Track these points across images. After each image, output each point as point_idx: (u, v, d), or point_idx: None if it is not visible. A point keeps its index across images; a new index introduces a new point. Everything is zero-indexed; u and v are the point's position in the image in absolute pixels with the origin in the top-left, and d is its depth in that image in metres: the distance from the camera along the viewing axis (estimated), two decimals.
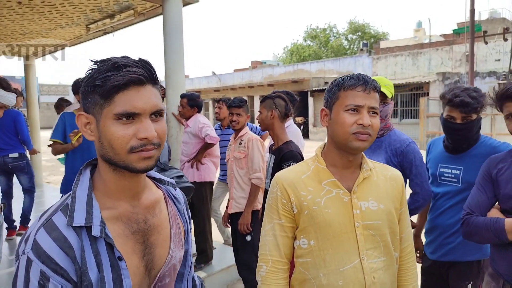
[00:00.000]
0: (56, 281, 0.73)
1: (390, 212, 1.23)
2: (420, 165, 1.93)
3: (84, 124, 0.81)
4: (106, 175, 0.83)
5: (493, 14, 25.17)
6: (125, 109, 0.76)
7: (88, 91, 0.78)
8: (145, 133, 0.77)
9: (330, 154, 1.25)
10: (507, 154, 1.55)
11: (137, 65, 0.78)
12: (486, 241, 1.51)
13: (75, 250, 0.75)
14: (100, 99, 0.77)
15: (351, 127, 1.14)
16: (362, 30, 38.78)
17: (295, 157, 2.20)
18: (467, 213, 1.54)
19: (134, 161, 0.78)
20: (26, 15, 4.78)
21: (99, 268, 0.77)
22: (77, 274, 0.75)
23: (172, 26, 3.75)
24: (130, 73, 0.76)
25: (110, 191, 0.83)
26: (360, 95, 1.15)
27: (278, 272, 1.24)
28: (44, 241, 0.74)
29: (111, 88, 0.76)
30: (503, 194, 1.47)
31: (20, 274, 0.73)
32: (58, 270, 0.73)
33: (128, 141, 0.77)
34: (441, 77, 16.19)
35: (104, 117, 0.77)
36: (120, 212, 0.84)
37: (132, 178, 0.84)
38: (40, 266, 0.72)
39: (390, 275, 1.21)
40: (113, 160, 0.79)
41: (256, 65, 31.97)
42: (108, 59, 0.79)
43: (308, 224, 1.20)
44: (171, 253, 0.92)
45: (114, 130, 0.77)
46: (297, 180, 1.23)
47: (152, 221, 0.90)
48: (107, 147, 0.78)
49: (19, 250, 0.75)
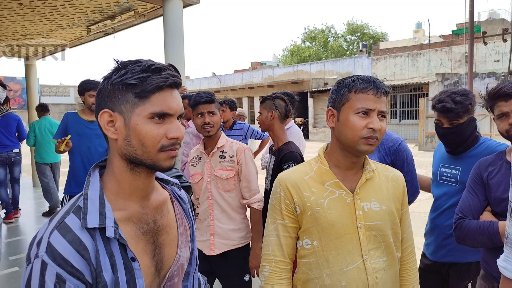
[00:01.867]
0: (72, 283, 0.72)
1: (392, 213, 1.23)
2: (411, 163, 2.00)
3: (107, 122, 0.81)
4: (121, 175, 0.83)
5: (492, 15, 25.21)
6: (161, 109, 0.78)
7: (117, 89, 0.79)
8: (176, 133, 0.80)
9: (333, 155, 1.25)
10: (496, 156, 1.55)
11: (172, 69, 0.82)
12: (480, 245, 1.49)
13: (90, 252, 0.75)
14: (134, 97, 0.78)
15: (361, 131, 1.14)
16: (361, 31, 38.82)
17: (295, 158, 2.20)
18: (459, 217, 1.53)
19: (162, 159, 0.80)
20: (27, 16, 4.80)
21: (113, 269, 0.77)
22: (92, 276, 0.75)
23: (173, 27, 3.77)
24: (170, 76, 0.79)
25: (123, 191, 0.83)
26: (372, 99, 1.14)
27: (281, 272, 1.24)
28: (59, 244, 0.73)
29: (152, 88, 0.77)
30: (495, 197, 1.47)
31: (34, 277, 0.72)
32: (74, 272, 0.73)
33: (159, 140, 0.79)
34: (441, 78, 16.21)
35: (136, 115, 0.78)
36: (131, 213, 0.84)
37: (147, 179, 0.85)
38: (56, 269, 0.71)
39: (392, 275, 1.22)
40: (139, 159, 0.80)
41: (256, 66, 31.99)
42: (137, 60, 0.80)
43: (311, 224, 1.21)
44: (179, 253, 0.93)
45: (149, 128, 0.78)
46: (300, 181, 1.24)
47: (161, 221, 0.90)
48: (135, 145, 0.79)
49: (31, 253, 0.74)
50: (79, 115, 3.22)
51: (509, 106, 1.44)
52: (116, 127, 0.80)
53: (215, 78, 28.23)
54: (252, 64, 33.32)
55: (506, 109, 1.45)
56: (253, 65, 32.95)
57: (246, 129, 4.17)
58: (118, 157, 0.82)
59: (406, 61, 19.83)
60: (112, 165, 0.84)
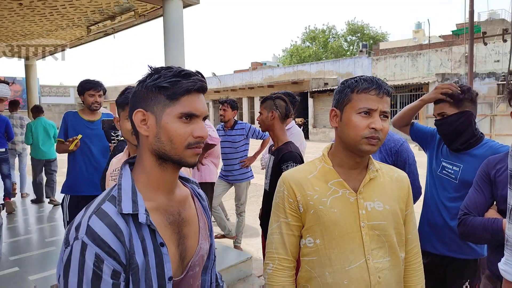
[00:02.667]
0: (109, 263, 0.78)
1: (396, 213, 1.23)
2: (413, 164, 2.00)
3: (140, 120, 0.88)
4: (150, 169, 0.90)
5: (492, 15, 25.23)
6: (189, 110, 0.87)
7: (151, 91, 0.87)
8: (201, 132, 0.88)
9: (337, 155, 1.25)
10: (505, 155, 1.55)
11: (199, 75, 0.91)
12: (483, 242, 1.50)
13: (124, 235, 0.81)
14: (166, 99, 0.86)
15: (363, 131, 1.14)
16: (361, 31, 38.84)
17: (294, 158, 2.20)
18: (464, 214, 1.54)
19: (188, 156, 0.88)
20: (27, 17, 4.80)
21: (144, 252, 0.84)
22: (126, 258, 0.81)
23: (173, 27, 3.77)
24: (198, 81, 0.89)
25: (152, 184, 0.91)
26: (374, 99, 1.15)
27: (284, 270, 1.25)
28: (98, 227, 0.79)
29: (182, 91, 0.86)
30: (501, 195, 1.47)
31: (74, 257, 0.77)
32: (111, 253, 0.79)
33: (186, 137, 0.87)
34: (441, 78, 16.21)
35: (167, 115, 0.86)
36: (159, 203, 0.91)
37: (173, 173, 0.92)
38: (95, 249, 0.77)
39: (395, 275, 1.22)
40: (167, 154, 0.88)
41: (256, 66, 32.00)
42: (169, 67, 0.90)
43: (314, 223, 1.21)
44: (200, 245, 1.00)
45: (177, 127, 0.86)
46: (303, 180, 1.25)
47: (184, 214, 0.98)
48: (165, 142, 0.87)
49: (69, 237, 0.80)
50: (79, 115, 3.22)
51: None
52: (148, 125, 0.88)
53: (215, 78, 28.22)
54: (252, 64, 33.33)
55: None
56: (253, 65, 32.97)
57: (247, 129, 4.17)
58: (148, 153, 0.90)
59: (406, 61, 19.84)
60: (142, 160, 0.91)
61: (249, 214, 5.38)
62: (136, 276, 0.82)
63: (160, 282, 0.85)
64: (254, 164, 4.53)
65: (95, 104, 3.15)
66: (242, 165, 4.14)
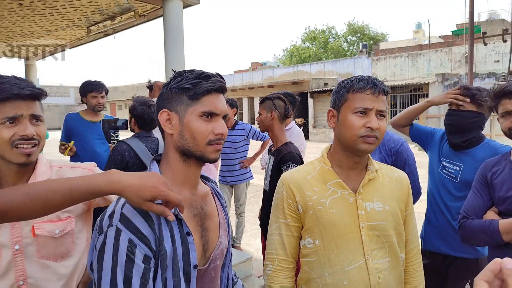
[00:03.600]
0: (141, 248, 0.83)
1: (396, 213, 1.23)
2: (413, 164, 2.01)
3: (165, 119, 0.96)
4: (175, 165, 0.97)
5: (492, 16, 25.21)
6: (210, 109, 0.93)
7: (174, 93, 0.95)
8: (221, 130, 0.95)
9: (336, 155, 1.26)
10: (501, 157, 1.57)
11: (219, 77, 0.97)
12: (483, 244, 1.51)
13: (155, 223, 0.87)
14: (188, 99, 0.93)
15: (359, 130, 1.14)
16: (361, 32, 38.84)
17: (294, 159, 2.20)
18: (463, 217, 1.55)
19: (209, 152, 0.95)
20: (27, 17, 4.80)
21: (172, 240, 0.89)
22: (156, 244, 0.86)
23: (173, 27, 3.77)
24: (218, 82, 0.95)
25: (177, 179, 0.97)
26: (369, 98, 1.15)
27: (284, 271, 1.25)
28: (131, 214, 0.85)
29: (203, 91, 0.93)
30: (498, 196, 1.48)
31: (108, 243, 0.83)
32: (143, 238, 0.84)
33: (208, 134, 0.93)
34: (441, 78, 16.21)
35: (190, 114, 0.93)
36: (184, 197, 0.95)
37: (196, 169, 0.99)
38: (128, 235, 0.83)
39: (395, 276, 1.22)
40: (190, 151, 0.94)
41: (256, 66, 32.01)
42: (191, 70, 0.96)
43: (313, 224, 1.21)
44: (220, 239, 1.05)
45: (199, 125, 0.93)
46: (302, 181, 1.25)
47: (207, 208, 1.03)
48: (188, 139, 0.94)
49: (103, 224, 0.85)
50: (81, 116, 3.24)
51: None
52: (173, 124, 0.95)
53: None
54: (252, 65, 33.34)
55: (510, 107, 1.46)
56: (253, 65, 32.97)
57: (248, 130, 4.16)
58: (173, 150, 0.97)
59: (406, 61, 19.83)
60: (168, 156, 0.98)
61: (249, 214, 5.38)
62: (164, 262, 0.87)
63: (185, 269, 0.91)
64: (254, 165, 4.53)
65: (99, 106, 3.18)
66: (241, 165, 4.14)
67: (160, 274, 0.87)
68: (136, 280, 0.81)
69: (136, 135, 2.46)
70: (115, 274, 0.80)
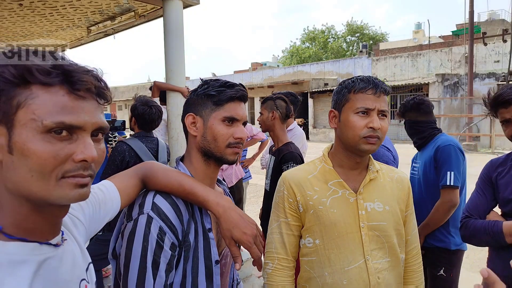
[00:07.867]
0: (170, 236, 0.91)
1: (396, 213, 1.23)
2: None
3: (190, 122, 1.05)
4: (197, 164, 1.06)
5: (492, 16, 25.24)
6: (231, 115, 1.02)
7: (200, 98, 1.04)
8: (240, 134, 1.03)
9: (337, 155, 1.26)
10: (507, 157, 1.55)
11: (241, 86, 1.06)
12: (485, 244, 1.50)
13: (183, 215, 0.95)
14: (212, 105, 1.02)
15: (361, 130, 1.14)
16: (361, 32, 38.84)
17: (294, 158, 2.20)
18: (465, 216, 1.54)
19: (228, 154, 1.02)
20: (27, 17, 4.80)
21: (195, 234, 0.97)
22: (182, 235, 0.94)
23: (173, 28, 3.76)
24: (241, 90, 1.04)
25: (198, 177, 1.04)
26: (371, 98, 1.15)
27: (283, 270, 1.25)
28: (162, 204, 0.93)
29: (226, 98, 1.01)
30: (502, 197, 1.47)
31: (138, 229, 0.89)
32: (172, 228, 0.92)
33: (228, 138, 1.01)
34: (440, 78, 16.22)
35: (213, 118, 1.02)
36: None
37: (215, 169, 1.07)
38: (159, 223, 0.90)
39: (395, 276, 1.22)
40: (211, 152, 1.02)
41: (256, 66, 32.03)
42: (216, 79, 1.05)
43: (313, 223, 1.21)
44: None
45: (221, 128, 1.01)
46: (303, 180, 1.25)
47: None
48: (210, 141, 1.02)
49: (133, 212, 0.93)
50: None
51: (510, 112, 1.42)
52: (197, 126, 1.04)
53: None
54: (252, 65, 33.36)
55: (508, 116, 1.44)
56: (253, 65, 32.99)
57: (248, 130, 4.14)
58: (196, 150, 1.05)
59: (406, 61, 19.84)
60: (191, 156, 1.07)
61: (249, 214, 5.36)
62: (187, 253, 0.94)
63: (206, 263, 0.97)
64: (254, 164, 4.53)
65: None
66: (241, 166, 4.14)
67: (182, 265, 0.93)
68: (162, 266, 0.89)
69: (136, 135, 2.46)
70: (145, 258, 0.87)
